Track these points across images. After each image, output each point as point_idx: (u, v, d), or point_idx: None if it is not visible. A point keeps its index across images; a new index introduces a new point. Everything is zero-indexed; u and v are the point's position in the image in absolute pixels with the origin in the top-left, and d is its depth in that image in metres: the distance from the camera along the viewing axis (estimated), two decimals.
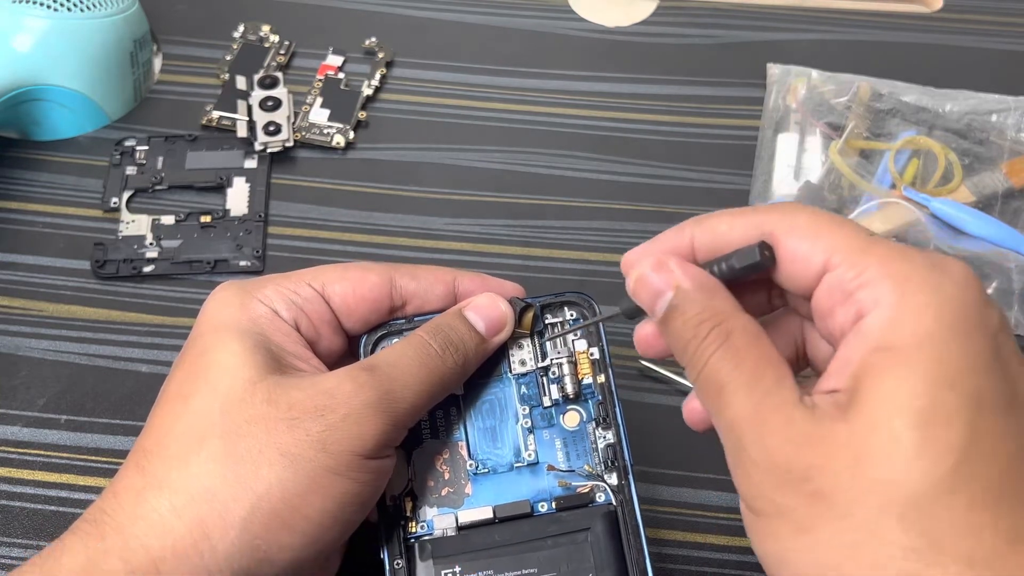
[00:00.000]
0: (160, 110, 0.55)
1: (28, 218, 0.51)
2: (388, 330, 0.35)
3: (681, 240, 0.30)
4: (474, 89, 0.57)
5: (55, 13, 0.50)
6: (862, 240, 0.27)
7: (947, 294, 0.25)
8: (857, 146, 0.53)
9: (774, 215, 0.29)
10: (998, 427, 0.24)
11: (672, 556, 0.41)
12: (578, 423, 0.35)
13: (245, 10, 0.60)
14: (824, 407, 0.26)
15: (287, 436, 0.30)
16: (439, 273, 0.36)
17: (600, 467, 0.34)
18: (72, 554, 0.28)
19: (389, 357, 0.32)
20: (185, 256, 0.49)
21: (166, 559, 0.28)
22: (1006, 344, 0.26)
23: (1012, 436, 0.24)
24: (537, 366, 0.35)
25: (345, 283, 0.35)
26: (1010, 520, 0.24)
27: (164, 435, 0.31)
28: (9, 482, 0.42)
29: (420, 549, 0.33)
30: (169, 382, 0.32)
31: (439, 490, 0.34)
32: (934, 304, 0.25)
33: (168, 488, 0.29)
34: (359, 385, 0.31)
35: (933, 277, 0.26)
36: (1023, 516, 0.24)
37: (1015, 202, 0.52)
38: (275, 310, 0.33)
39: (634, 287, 0.30)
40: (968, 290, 0.26)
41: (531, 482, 0.34)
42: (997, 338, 0.25)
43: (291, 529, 0.29)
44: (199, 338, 0.33)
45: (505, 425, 0.35)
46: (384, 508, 0.33)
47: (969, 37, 0.60)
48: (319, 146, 0.54)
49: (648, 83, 0.57)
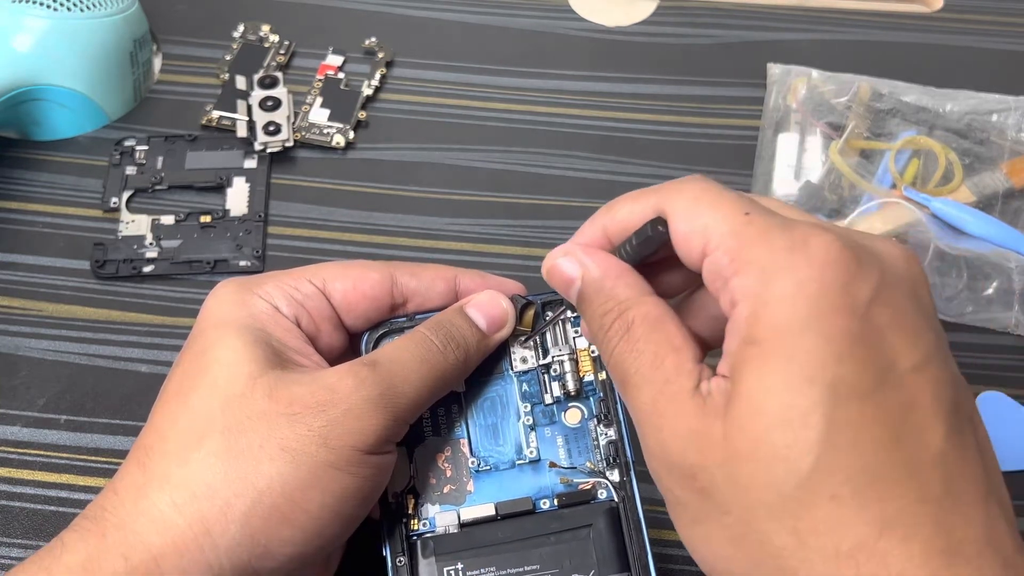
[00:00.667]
0: (160, 110, 0.55)
1: (28, 218, 0.51)
2: (389, 328, 0.35)
3: (595, 230, 0.31)
4: (474, 89, 0.57)
5: (55, 13, 0.50)
6: (737, 221, 0.27)
7: (803, 278, 0.25)
8: (857, 146, 0.53)
9: (664, 193, 0.29)
10: (861, 415, 0.24)
11: (673, 556, 0.41)
12: (579, 420, 0.35)
13: (245, 10, 0.60)
14: (715, 396, 0.26)
15: (288, 431, 0.30)
16: (440, 271, 0.36)
17: (602, 464, 0.34)
18: (72, 551, 0.28)
19: (390, 353, 0.32)
20: (185, 256, 0.49)
21: (167, 555, 0.28)
22: (880, 314, 0.25)
23: (879, 421, 0.24)
24: (538, 363, 0.35)
25: (346, 280, 0.35)
26: (877, 509, 0.24)
27: (165, 432, 0.31)
28: (9, 482, 0.42)
29: (422, 546, 0.33)
30: (170, 380, 0.32)
31: (441, 487, 0.34)
32: (789, 293, 0.25)
33: (169, 484, 0.29)
34: (360, 380, 0.31)
35: (791, 261, 0.25)
36: (892, 502, 0.24)
37: (1015, 202, 0.52)
38: (276, 306, 0.33)
39: (547, 276, 0.31)
40: (827, 269, 0.25)
41: (533, 479, 0.34)
42: (867, 312, 0.25)
43: (292, 524, 0.29)
44: (199, 335, 0.33)
45: (507, 422, 0.35)
46: (386, 505, 0.33)
47: (969, 37, 0.60)
48: (319, 146, 0.54)
49: (648, 83, 0.57)
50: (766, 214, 0.27)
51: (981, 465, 0.25)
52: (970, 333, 0.48)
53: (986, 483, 0.25)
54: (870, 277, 0.25)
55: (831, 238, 0.25)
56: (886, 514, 0.23)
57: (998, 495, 0.25)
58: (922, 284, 0.27)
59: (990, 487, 0.25)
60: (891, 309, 0.25)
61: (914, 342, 0.25)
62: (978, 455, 0.25)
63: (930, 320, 0.26)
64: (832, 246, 0.25)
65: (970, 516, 0.24)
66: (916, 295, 0.26)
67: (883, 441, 0.24)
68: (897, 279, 0.26)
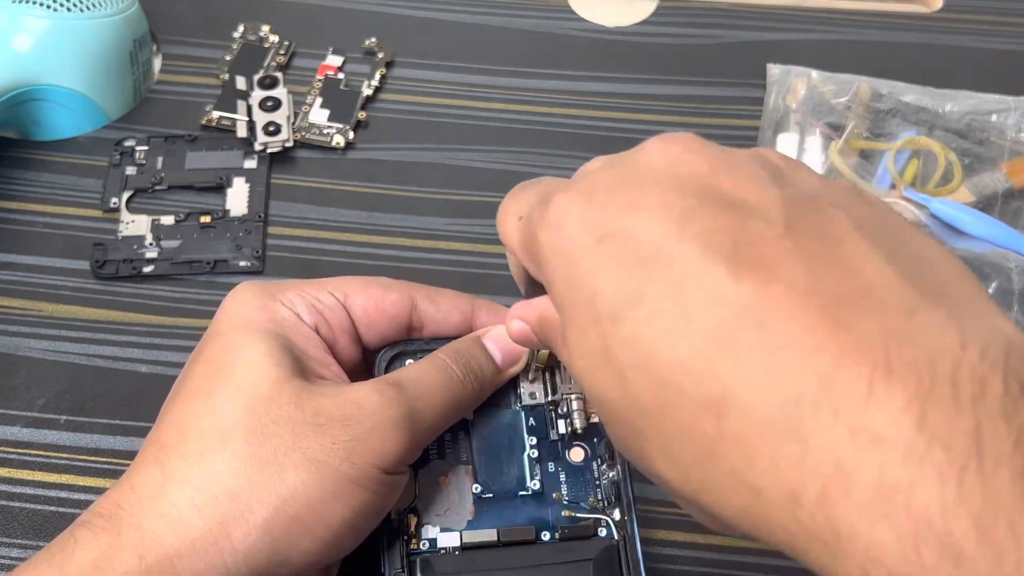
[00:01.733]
0: (160, 110, 0.55)
1: (28, 218, 0.51)
2: (404, 348, 0.35)
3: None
4: (474, 89, 0.57)
5: (55, 13, 0.50)
6: (514, 230, 0.29)
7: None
8: (857, 146, 0.53)
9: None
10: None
11: (672, 557, 0.41)
12: (583, 459, 0.35)
13: (245, 10, 0.60)
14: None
15: (313, 441, 0.30)
16: (458, 301, 0.36)
17: (604, 502, 0.34)
18: (85, 548, 0.28)
19: (414, 376, 0.32)
20: (185, 256, 0.49)
21: (184, 556, 0.28)
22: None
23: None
24: (546, 399, 0.35)
25: (368, 297, 0.35)
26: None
27: (185, 430, 0.30)
28: (9, 482, 0.42)
29: (422, 565, 0.32)
30: (188, 377, 0.32)
31: (443, 510, 0.34)
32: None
33: (190, 485, 0.29)
34: (386, 400, 0.31)
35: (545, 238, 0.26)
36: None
37: (1015, 202, 0.52)
38: (298, 314, 0.33)
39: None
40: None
41: (535, 511, 0.34)
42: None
43: (312, 534, 0.29)
44: (219, 335, 0.32)
45: (512, 453, 0.35)
46: (388, 523, 0.33)
47: (969, 37, 0.60)
48: (319, 146, 0.54)
49: (648, 83, 0.57)
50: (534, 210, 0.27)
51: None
52: None
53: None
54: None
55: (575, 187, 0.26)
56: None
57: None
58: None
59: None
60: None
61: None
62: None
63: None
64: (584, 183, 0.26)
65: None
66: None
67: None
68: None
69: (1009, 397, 0.18)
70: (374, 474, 0.30)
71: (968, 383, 0.18)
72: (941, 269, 0.22)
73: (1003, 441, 0.18)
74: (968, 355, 0.19)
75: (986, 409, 0.18)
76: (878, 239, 0.22)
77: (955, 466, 0.18)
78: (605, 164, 0.27)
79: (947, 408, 0.18)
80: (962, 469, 0.18)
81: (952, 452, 0.18)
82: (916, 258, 0.22)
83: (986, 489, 0.17)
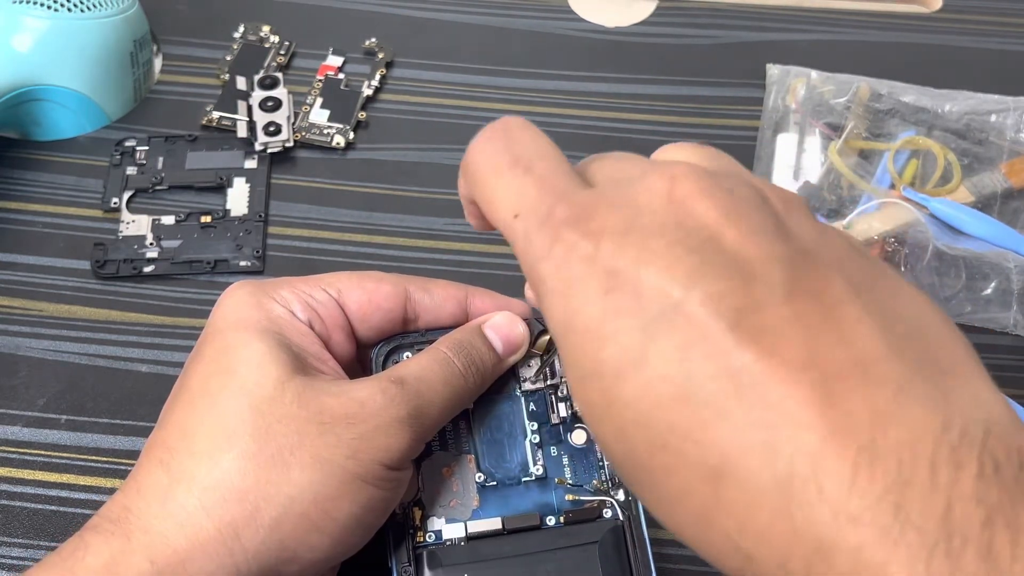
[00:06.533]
0: (160, 110, 0.55)
1: (28, 218, 0.51)
2: (401, 342, 0.35)
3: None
4: (474, 89, 0.57)
5: (55, 13, 0.50)
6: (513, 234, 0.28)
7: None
8: (856, 146, 0.53)
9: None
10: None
11: (673, 556, 0.41)
12: (586, 440, 0.35)
13: (245, 10, 0.60)
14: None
15: (319, 440, 0.30)
16: (451, 290, 0.36)
17: (607, 483, 0.34)
18: (96, 553, 0.28)
19: (416, 372, 0.32)
20: (185, 256, 0.49)
21: (194, 558, 0.28)
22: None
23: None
24: (546, 384, 0.35)
25: (362, 291, 0.35)
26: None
27: (190, 431, 0.30)
28: (9, 482, 0.42)
29: (429, 558, 0.33)
30: (189, 378, 0.32)
31: (447, 501, 0.34)
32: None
33: (197, 486, 0.29)
34: (390, 398, 0.31)
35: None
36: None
37: (1014, 202, 0.52)
38: (292, 311, 0.33)
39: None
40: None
41: (539, 496, 0.34)
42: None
43: (321, 532, 0.30)
44: (217, 335, 0.32)
45: (514, 440, 0.35)
46: (393, 517, 0.33)
47: (969, 37, 0.60)
48: (319, 146, 0.54)
49: (648, 83, 0.57)
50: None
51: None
52: (969, 333, 0.47)
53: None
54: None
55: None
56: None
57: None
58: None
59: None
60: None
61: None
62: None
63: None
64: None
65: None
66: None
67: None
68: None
69: (983, 479, 0.19)
70: (379, 471, 0.30)
71: (945, 466, 0.19)
72: (931, 332, 0.23)
73: (972, 522, 0.19)
74: (949, 436, 0.20)
75: (959, 492, 0.19)
76: (872, 303, 0.22)
77: (926, 547, 0.19)
78: (613, 187, 0.25)
79: (923, 492, 0.19)
80: (932, 549, 0.19)
81: (924, 534, 0.19)
82: (907, 321, 0.23)
83: (954, 567, 0.18)
